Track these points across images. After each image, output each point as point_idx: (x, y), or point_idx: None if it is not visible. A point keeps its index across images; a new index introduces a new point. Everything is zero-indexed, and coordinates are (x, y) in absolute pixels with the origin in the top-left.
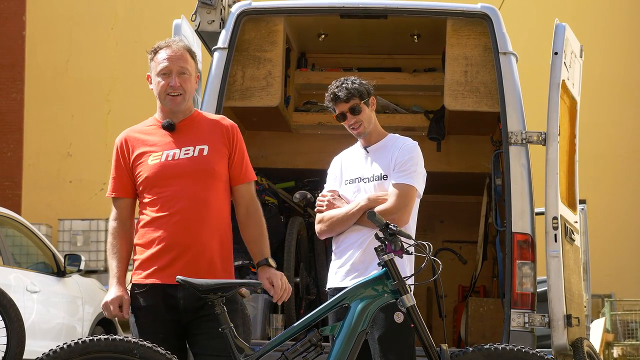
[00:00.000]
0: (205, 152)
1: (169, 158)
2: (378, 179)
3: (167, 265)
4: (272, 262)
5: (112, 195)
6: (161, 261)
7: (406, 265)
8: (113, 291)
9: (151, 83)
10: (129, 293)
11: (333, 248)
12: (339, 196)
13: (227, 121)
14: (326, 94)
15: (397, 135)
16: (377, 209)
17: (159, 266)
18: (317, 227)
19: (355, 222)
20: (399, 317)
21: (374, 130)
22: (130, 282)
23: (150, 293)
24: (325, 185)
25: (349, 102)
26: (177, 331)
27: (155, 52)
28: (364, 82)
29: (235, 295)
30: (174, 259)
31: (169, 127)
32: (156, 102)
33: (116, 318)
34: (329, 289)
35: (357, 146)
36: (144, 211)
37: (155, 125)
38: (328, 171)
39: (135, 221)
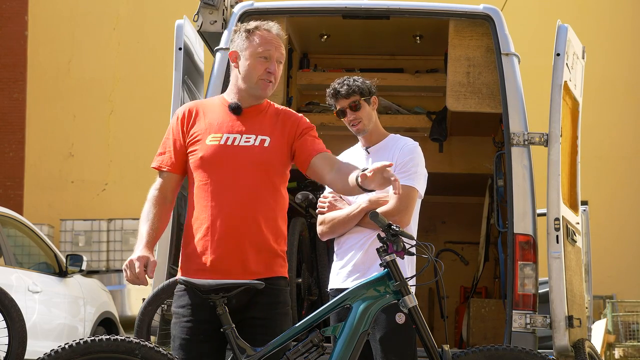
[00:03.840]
0: (266, 144)
1: (229, 142)
2: None
3: (218, 259)
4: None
5: (161, 169)
6: (210, 253)
7: (407, 266)
8: (139, 251)
9: (235, 61)
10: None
11: (335, 249)
12: (340, 197)
13: (295, 115)
14: (327, 90)
15: (398, 135)
16: (378, 210)
17: (206, 259)
18: (319, 229)
19: (357, 223)
20: (400, 318)
21: (374, 130)
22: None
23: (195, 291)
24: (326, 186)
25: (349, 98)
26: (218, 333)
27: (253, 31)
28: (366, 81)
29: (286, 296)
30: (230, 252)
31: (236, 110)
32: (232, 81)
33: (137, 284)
34: (330, 289)
35: (358, 147)
36: (195, 192)
37: (223, 104)
38: None
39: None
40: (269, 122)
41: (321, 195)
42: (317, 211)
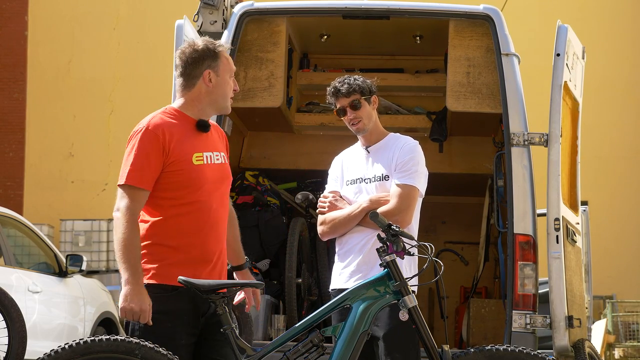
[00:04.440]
0: (225, 160)
1: (209, 161)
2: (379, 180)
3: (209, 269)
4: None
5: (138, 186)
6: (202, 265)
7: (410, 267)
8: (144, 296)
9: (211, 81)
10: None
11: (336, 249)
12: (341, 197)
13: (219, 128)
14: (328, 89)
15: (398, 134)
16: (379, 210)
17: (197, 270)
18: (320, 229)
19: (358, 223)
20: (404, 315)
21: (374, 129)
22: (150, 281)
23: (182, 296)
24: (326, 186)
25: (349, 97)
26: (195, 338)
27: (219, 50)
28: (367, 80)
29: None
30: (213, 263)
31: (205, 128)
32: (190, 95)
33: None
34: (332, 290)
35: (358, 146)
36: (173, 210)
37: (182, 120)
38: (329, 172)
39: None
40: (217, 137)
41: (321, 195)
42: (317, 211)
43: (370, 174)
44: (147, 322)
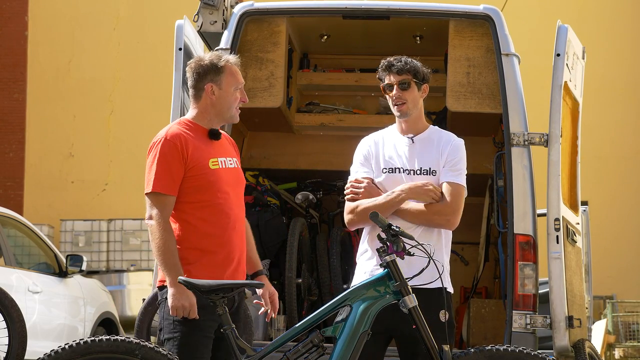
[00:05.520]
0: (238, 165)
1: (223, 165)
2: (426, 174)
3: (233, 268)
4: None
5: (165, 193)
6: (227, 265)
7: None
8: (189, 292)
9: (214, 93)
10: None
11: (367, 243)
12: (374, 184)
13: (230, 137)
14: (382, 62)
15: (439, 128)
16: (431, 206)
17: (224, 270)
18: (347, 218)
19: (393, 213)
20: (444, 315)
21: (418, 118)
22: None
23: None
24: (352, 169)
25: (400, 75)
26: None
27: (224, 65)
28: (425, 66)
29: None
30: (237, 262)
31: (216, 136)
32: (200, 107)
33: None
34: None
35: (394, 132)
36: (197, 213)
37: (195, 130)
38: (356, 153)
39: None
40: (230, 145)
41: (351, 179)
42: (345, 196)
43: (415, 166)
44: (195, 316)
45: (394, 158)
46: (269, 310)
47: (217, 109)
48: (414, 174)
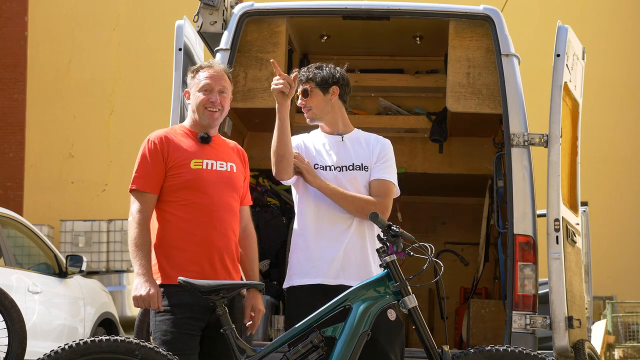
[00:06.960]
0: (234, 170)
1: (209, 167)
2: (359, 169)
3: (210, 267)
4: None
5: (143, 190)
6: (204, 263)
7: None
8: (151, 284)
9: (189, 98)
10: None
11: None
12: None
13: (241, 148)
14: None
15: (362, 130)
16: (366, 198)
17: (201, 268)
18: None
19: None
20: (392, 315)
21: (340, 117)
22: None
23: (192, 292)
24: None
25: (303, 84)
26: (202, 332)
27: (197, 71)
28: (337, 70)
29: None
30: (216, 261)
31: (206, 140)
32: (188, 114)
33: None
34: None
35: (321, 133)
36: (176, 212)
37: (187, 134)
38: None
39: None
40: (230, 151)
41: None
42: (273, 86)
43: (347, 162)
44: (158, 308)
45: (324, 155)
46: (247, 324)
47: (193, 113)
48: (346, 170)
